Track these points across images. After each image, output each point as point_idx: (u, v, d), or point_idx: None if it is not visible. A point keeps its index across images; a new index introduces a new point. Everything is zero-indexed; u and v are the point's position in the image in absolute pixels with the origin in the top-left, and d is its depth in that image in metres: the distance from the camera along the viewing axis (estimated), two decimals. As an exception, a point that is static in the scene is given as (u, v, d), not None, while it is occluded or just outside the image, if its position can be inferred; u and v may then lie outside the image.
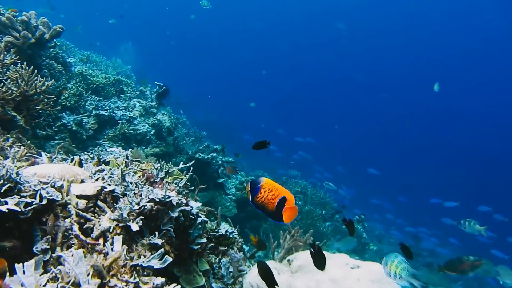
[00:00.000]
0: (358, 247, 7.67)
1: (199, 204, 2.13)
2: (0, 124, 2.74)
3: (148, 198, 1.60)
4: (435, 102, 28.28)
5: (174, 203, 1.70)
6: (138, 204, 1.55)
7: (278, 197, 1.74)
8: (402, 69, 31.21)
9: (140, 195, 1.63)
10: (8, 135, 2.66)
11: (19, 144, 2.56)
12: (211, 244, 2.47)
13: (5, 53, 3.20)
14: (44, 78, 3.14)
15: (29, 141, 2.85)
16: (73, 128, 4.58)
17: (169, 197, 1.67)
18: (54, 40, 4.14)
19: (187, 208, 1.80)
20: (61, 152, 2.69)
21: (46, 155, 2.34)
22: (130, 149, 3.59)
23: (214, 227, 2.64)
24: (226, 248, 2.55)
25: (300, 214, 6.87)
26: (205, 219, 2.26)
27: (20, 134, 2.83)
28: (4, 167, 1.43)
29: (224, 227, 2.64)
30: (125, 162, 2.22)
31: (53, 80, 3.21)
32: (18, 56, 3.30)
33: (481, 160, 26.50)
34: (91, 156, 2.27)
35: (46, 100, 3.18)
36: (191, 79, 23.78)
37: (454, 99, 28.07)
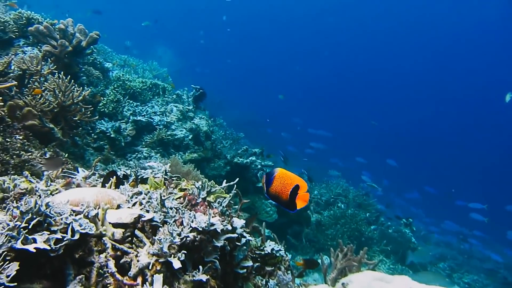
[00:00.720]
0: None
1: (242, 221, 1.94)
2: (38, 137, 2.67)
3: (190, 227, 1.41)
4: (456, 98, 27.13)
5: (219, 231, 1.50)
6: (179, 235, 1.36)
7: (291, 186, 1.72)
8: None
9: (181, 223, 1.45)
10: (46, 149, 2.58)
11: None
12: (257, 264, 2.27)
13: (43, 63, 3.15)
14: (81, 87, 3.06)
15: (66, 155, 2.77)
16: (112, 135, 4.54)
17: (213, 224, 1.48)
18: (91, 46, 4.09)
19: (233, 235, 1.61)
20: (98, 167, 2.57)
21: (83, 171, 2.23)
22: (169, 163, 3.46)
23: (259, 245, 2.44)
24: (273, 268, 2.34)
25: (344, 218, 6.56)
26: (250, 238, 2.06)
27: (57, 147, 2.76)
28: (33, 197, 1.29)
29: (270, 245, 2.43)
30: (164, 180, 2.06)
31: (89, 89, 3.12)
32: (55, 66, 3.25)
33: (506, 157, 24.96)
34: (128, 172, 2.13)
35: (83, 110, 3.10)
36: (224, 77, 23.75)
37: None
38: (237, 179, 1.99)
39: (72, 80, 3.02)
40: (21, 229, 1.16)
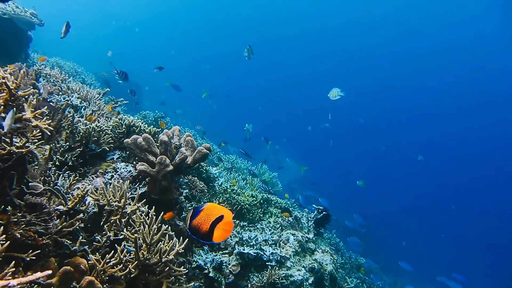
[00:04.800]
0: None
1: None
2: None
3: None
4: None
5: None
6: None
7: (215, 216, 1.59)
8: None
9: None
10: None
11: None
12: None
13: (129, 193, 2.21)
14: (173, 239, 1.98)
15: None
16: (210, 274, 3.39)
17: None
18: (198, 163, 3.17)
19: None
20: None
21: None
22: None
23: None
24: None
25: None
26: None
27: None
28: None
29: None
30: None
31: (185, 241, 2.03)
32: (148, 192, 2.29)
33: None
34: None
35: (174, 274, 1.98)
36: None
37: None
38: None
39: (163, 225, 1.97)
40: None
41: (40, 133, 2.05)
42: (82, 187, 2.11)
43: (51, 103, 2.85)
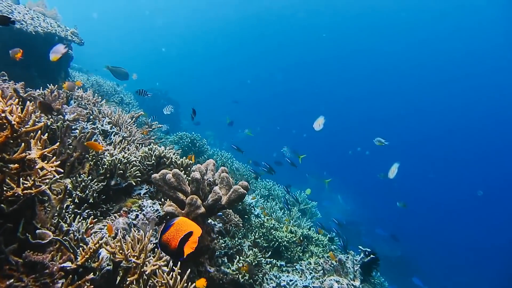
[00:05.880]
0: None
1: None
2: None
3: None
4: None
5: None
6: None
7: (184, 232, 1.53)
8: None
9: None
10: None
11: None
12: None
13: (154, 238, 1.87)
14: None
15: None
16: (243, 327, 2.98)
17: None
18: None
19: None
20: None
21: None
22: None
23: None
24: None
25: None
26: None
27: None
28: None
29: None
30: None
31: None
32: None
33: None
34: None
35: None
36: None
37: None
38: None
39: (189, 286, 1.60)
40: None
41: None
42: (99, 235, 1.79)
43: (76, 130, 2.60)
